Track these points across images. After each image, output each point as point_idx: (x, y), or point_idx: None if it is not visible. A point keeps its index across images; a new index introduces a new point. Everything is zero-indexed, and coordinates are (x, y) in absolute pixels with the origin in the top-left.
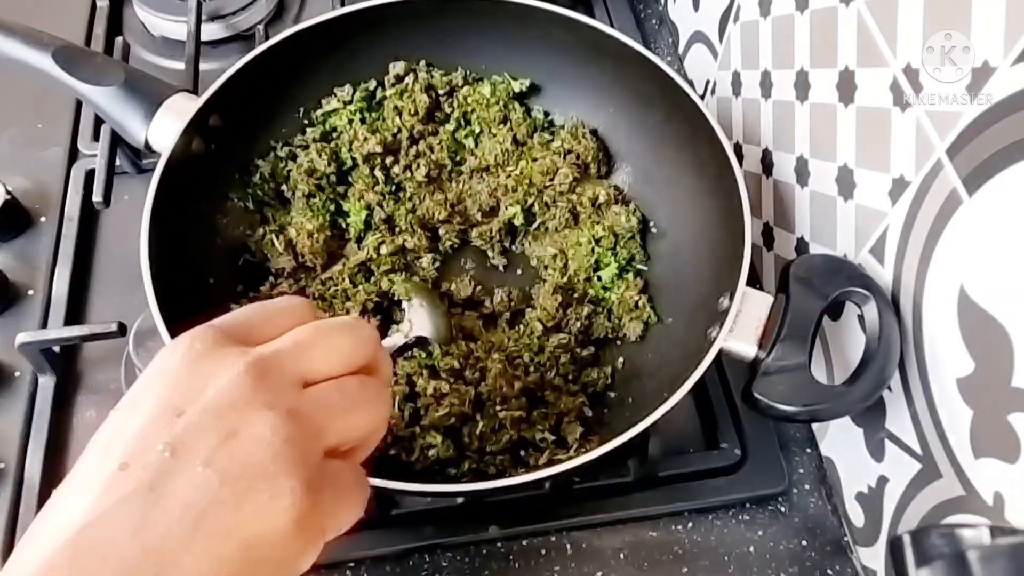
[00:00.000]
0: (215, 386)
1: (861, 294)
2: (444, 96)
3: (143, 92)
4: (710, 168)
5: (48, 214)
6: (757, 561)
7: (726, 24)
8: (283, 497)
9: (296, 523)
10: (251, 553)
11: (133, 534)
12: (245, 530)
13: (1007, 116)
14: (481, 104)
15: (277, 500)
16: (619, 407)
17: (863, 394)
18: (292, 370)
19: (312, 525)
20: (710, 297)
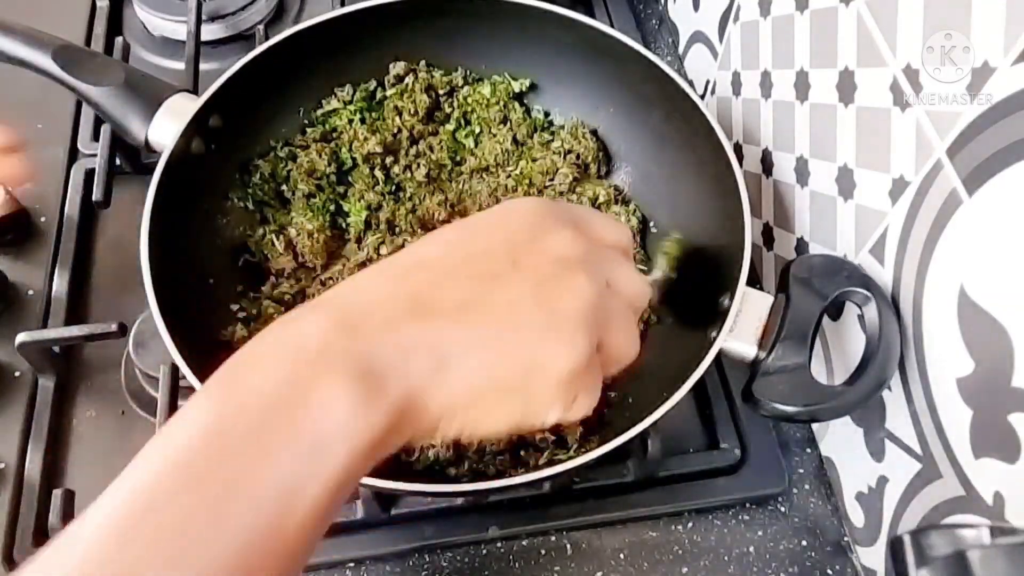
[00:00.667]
0: (557, 242)
1: (861, 294)
2: (444, 96)
3: (143, 92)
4: (710, 168)
5: (48, 214)
6: (757, 561)
7: (726, 24)
8: (575, 347)
9: (568, 374)
10: (525, 377)
11: (453, 298)
12: (533, 353)
13: (1007, 116)
14: (481, 104)
15: (568, 346)
16: (619, 407)
17: (863, 394)
18: (608, 271)
19: (574, 386)
20: (710, 297)
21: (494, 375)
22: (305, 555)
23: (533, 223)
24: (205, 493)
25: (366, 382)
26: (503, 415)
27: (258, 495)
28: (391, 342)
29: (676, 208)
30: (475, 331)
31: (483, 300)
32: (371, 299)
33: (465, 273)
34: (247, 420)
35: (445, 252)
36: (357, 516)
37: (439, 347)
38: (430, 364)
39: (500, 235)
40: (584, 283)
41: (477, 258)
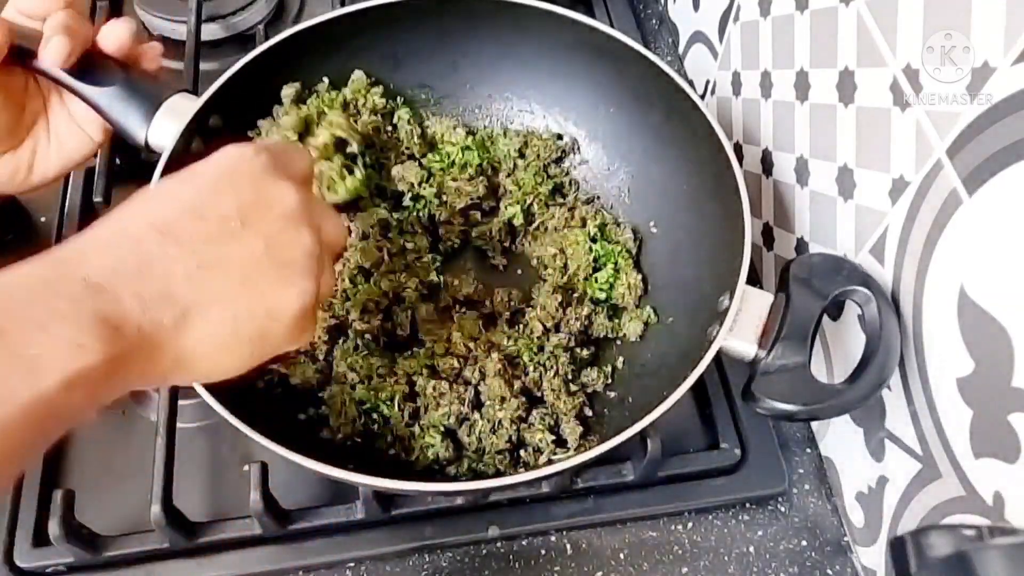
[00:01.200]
0: (277, 199)
1: (861, 293)
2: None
3: (143, 92)
4: (710, 167)
5: (48, 214)
6: (757, 561)
7: (726, 24)
8: (305, 291)
9: (301, 314)
10: (264, 324)
11: (193, 255)
12: (272, 300)
13: (1007, 116)
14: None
15: (299, 292)
16: (619, 407)
17: (863, 393)
18: (319, 218)
19: (304, 321)
20: (710, 296)
21: (235, 327)
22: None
23: (253, 177)
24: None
25: (94, 325)
26: (239, 359)
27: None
28: (130, 297)
29: (676, 207)
30: (214, 289)
31: (220, 259)
32: (114, 262)
33: (201, 236)
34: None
35: (179, 214)
36: (357, 516)
37: (179, 303)
38: (171, 317)
39: (226, 193)
40: (306, 236)
41: (208, 216)
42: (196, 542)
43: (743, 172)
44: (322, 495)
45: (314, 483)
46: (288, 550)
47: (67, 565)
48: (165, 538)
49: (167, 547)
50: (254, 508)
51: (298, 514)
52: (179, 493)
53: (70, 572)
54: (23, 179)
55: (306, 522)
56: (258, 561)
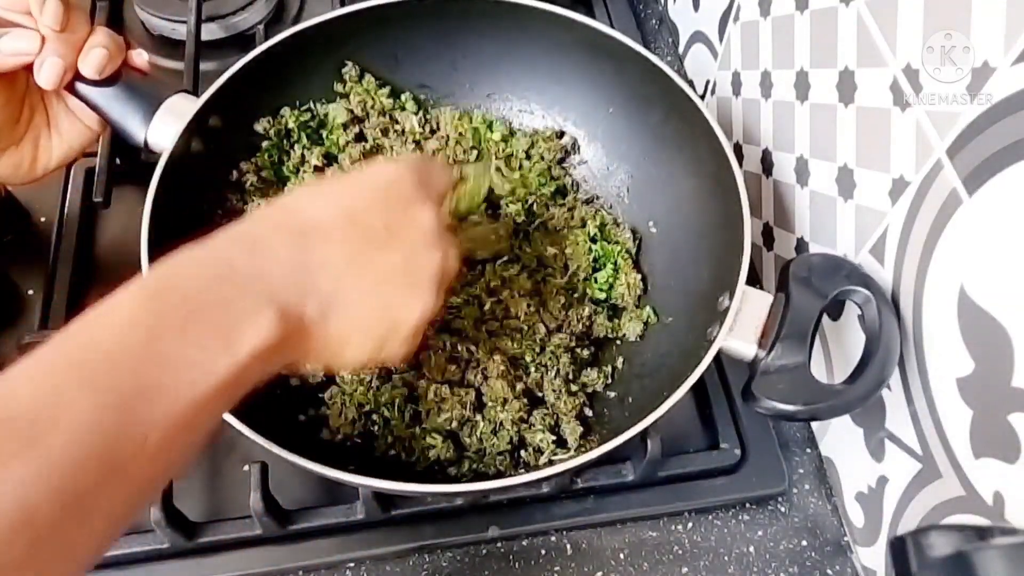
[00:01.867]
0: (421, 218)
1: (860, 292)
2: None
3: (142, 93)
4: (709, 167)
5: (48, 214)
6: (757, 561)
7: (726, 24)
8: (426, 305)
9: (417, 325)
10: (388, 326)
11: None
12: (399, 309)
13: (1007, 116)
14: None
15: (422, 305)
16: (619, 407)
17: (863, 392)
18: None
19: (417, 332)
20: (710, 296)
21: (365, 323)
22: (202, 431)
23: (402, 195)
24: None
25: (270, 309)
26: (364, 352)
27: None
28: (292, 286)
29: (676, 207)
30: (355, 289)
31: (365, 261)
32: (277, 251)
33: (351, 236)
34: (175, 315)
35: (334, 216)
36: (357, 516)
37: (326, 297)
38: (319, 307)
39: (378, 206)
40: (438, 256)
41: (360, 224)
42: (196, 542)
43: (743, 172)
44: (322, 495)
45: (314, 483)
46: (288, 550)
47: None
48: (165, 538)
49: (167, 547)
50: (254, 508)
51: (298, 514)
52: (179, 493)
53: None
54: (27, 171)
55: (306, 522)
56: (258, 561)
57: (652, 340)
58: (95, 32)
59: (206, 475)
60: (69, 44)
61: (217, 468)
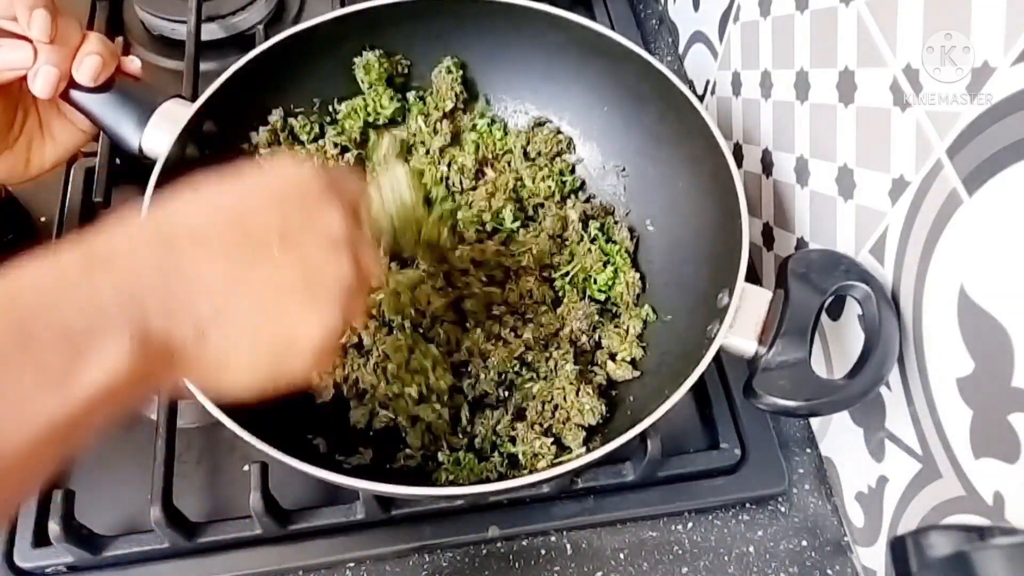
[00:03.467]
0: (324, 224)
1: (859, 288)
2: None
3: (136, 99)
4: (706, 165)
5: (48, 214)
6: (757, 561)
7: (726, 24)
8: (330, 322)
9: (321, 345)
10: (283, 349)
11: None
12: (294, 329)
13: (1007, 116)
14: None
15: (324, 323)
16: (619, 407)
17: (863, 387)
18: (361, 251)
19: (323, 352)
20: (709, 294)
21: (252, 343)
22: (25, 483)
23: (304, 195)
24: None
25: (123, 337)
26: (254, 377)
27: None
28: (157, 310)
29: (673, 206)
30: (238, 309)
31: (251, 273)
32: (139, 266)
33: (235, 244)
34: (8, 341)
35: (213, 221)
36: (357, 516)
37: (202, 320)
38: (191, 333)
39: (271, 209)
40: (345, 265)
41: (246, 233)
42: (196, 542)
43: (743, 172)
44: (322, 495)
45: (314, 483)
46: (288, 550)
47: (67, 565)
48: (165, 538)
49: (167, 547)
50: (254, 508)
51: (298, 514)
52: (179, 493)
53: (70, 572)
54: (21, 172)
55: (306, 522)
56: (258, 561)
57: (652, 338)
58: (88, 39)
59: (206, 475)
60: (62, 52)
61: (217, 468)
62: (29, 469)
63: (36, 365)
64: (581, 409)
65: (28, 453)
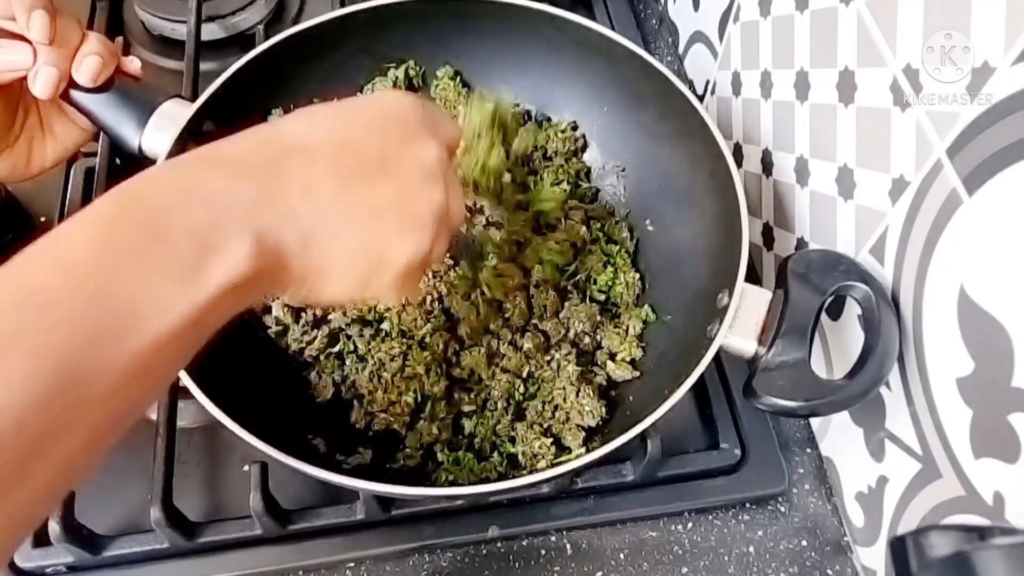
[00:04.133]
0: (422, 153)
1: (859, 288)
2: None
3: (135, 99)
4: (706, 164)
5: (48, 214)
6: (757, 561)
7: (726, 24)
8: (418, 246)
9: (407, 267)
10: (373, 265)
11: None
12: (384, 246)
13: (1007, 116)
14: None
15: (413, 246)
16: (619, 407)
17: (863, 388)
18: (452, 187)
19: (408, 277)
20: (709, 294)
21: (347, 257)
22: (163, 375)
23: (404, 127)
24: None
25: (244, 237)
26: (345, 290)
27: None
28: (269, 214)
29: (673, 206)
30: (339, 220)
31: (352, 190)
32: (254, 171)
33: (340, 167)
34: (132, 245)
35: (323, 139)
36: (357, 516)
37: (307, 228)
38: (298, 239)
39: (374, 134)
40: (438, 195)
41: (351, 153)
42: (196, 542)
43: (743, 172)
44: (322, 495)
45: (314, 483)
46: (288, 550)
47: (67, 565)
48: (165, 538)
49: (167, 547)
50: (254, 508)
51: (298, 514)
52: (179, 493)
53: (70, 572)
54: (22, 171)
55: (306, 522)
56: (258, 561)
57: (651, 338)
58: (88, 39)
59: (206, 475)
60: (62, 53)
61: (217, 468)
62: (166, 360)
63: (169, 259)
64: (581, 410)
65: (165, 343)
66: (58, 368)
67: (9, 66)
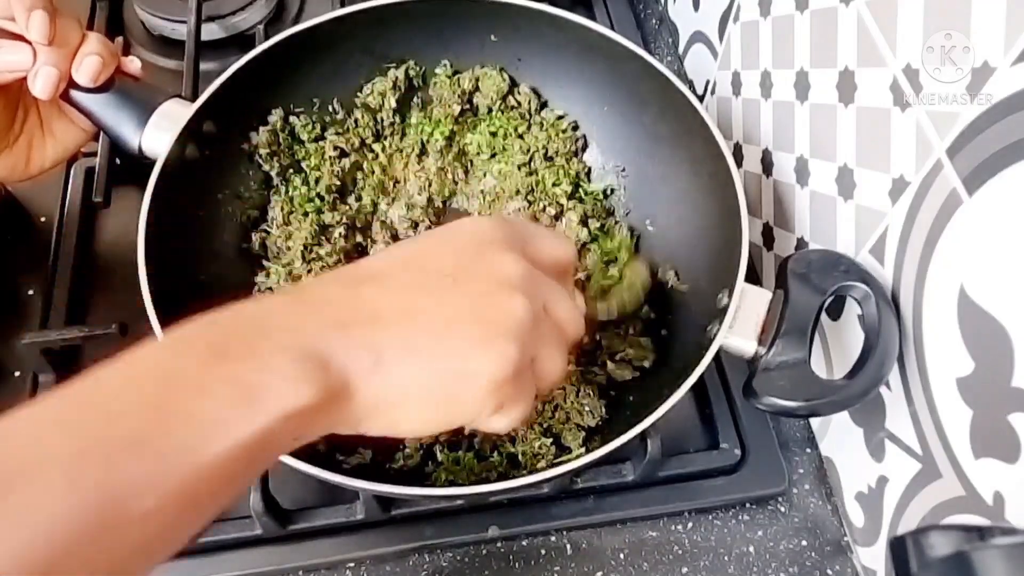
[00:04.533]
0: (500, 265)
1: (859, 288)
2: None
3: (135, 99)
4: (706, 164)
5: (48, 214)
6: (757, 561)
7: (726, 24)
8: (504, 357)
9: (495, 383)
10: (453, 383)
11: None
12: (463, 361)
13: (1007, 116)
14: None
15: (497, 356)
16: (619, 407)
17: (863, 387)
18: (545, 296)
19: (500, 394)
20: (708, 294)
21: (424, 380)
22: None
23: (480, 243)
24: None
25: (308, 362)
26: (426, 417)
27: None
28: (337, 338)
29: (672, 206)
30: (412, 338)
31: (423, 310)
32: (326, 300)
33: (410, 285)
34: (196, 361)
35: (394, 266)
36: (357, 516)
37: (378, 348)
38: (368, 361)
39: (448, 253)
40: (520, 303)
41: (423, 272)
42: (196, 542)
43: (743, 172)
44: (322, 495)
45: (314, 483)
46: (288, 550)
47: None
48: None
49: None
50: (254, 508)
51: (298, 514)
52: None
53: None
54: (22, 171)
55: (306, 522)
56: (258, 561)
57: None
58: (88, 39)
59: None
60: (62, 53)
61: None
62: (218, 486)
63: (228, 384)
64: (581, 409)
65: (211, 474)
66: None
67: (9, 66)
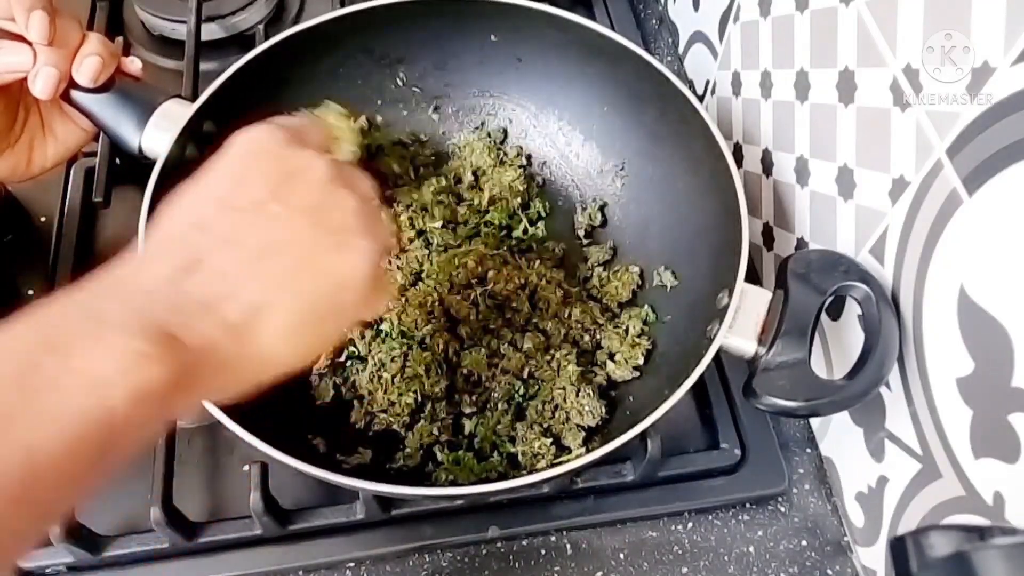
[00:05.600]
0: (304, 168)
1: (859, 288)
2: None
3: (136, 99)
4: (706, 164)
5: (48, 214)
6: (757, 561)
7: (726, 24)
8: (366, 251)
9: (371, 275)
10: (335, 294)
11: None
12: (337, 270)
13: (1007, 116)
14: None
15: (360, 252)
16: (619, 407)
17: (863, 388)
18: (347, 177)
19: (380, 276)
20: (708, 294)
21: (310, 308)
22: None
23: (276, 156)
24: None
25: (159, 336)
26: (324, 336)
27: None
28: (192, 304)
29: (673, 206)
30: (276, 277)
31: (271, 245)
32: (166, 269)
33: (244, 226)
34: (28, 357)
35: (213, 208)
36: (357, 516)
37: (246, 301)
38: (239, 318)
39: (256, 178)
40: (347, 196)
41: (246, 208)
42: (196, 542)
43: (743, 172)
44: (322, 495)
45: (314, 483)
46: (288, 550)
47: (67, 565)
48: (165, 538)
49: (167, 547)
50: (254, 508)
51: (298, 514)
52: (179, 493)
53: (70, 572)
54: (23, 171)
55: (306, 522)
56: (258, 561)
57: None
58: (88, 39)
59: (206, 475)
60: (62, 53)
61: (217, 468)
62: (63, 481)
63: (66, 369)
64: (581, 410)
65: (60, 463)
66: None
67: (9, 67)
